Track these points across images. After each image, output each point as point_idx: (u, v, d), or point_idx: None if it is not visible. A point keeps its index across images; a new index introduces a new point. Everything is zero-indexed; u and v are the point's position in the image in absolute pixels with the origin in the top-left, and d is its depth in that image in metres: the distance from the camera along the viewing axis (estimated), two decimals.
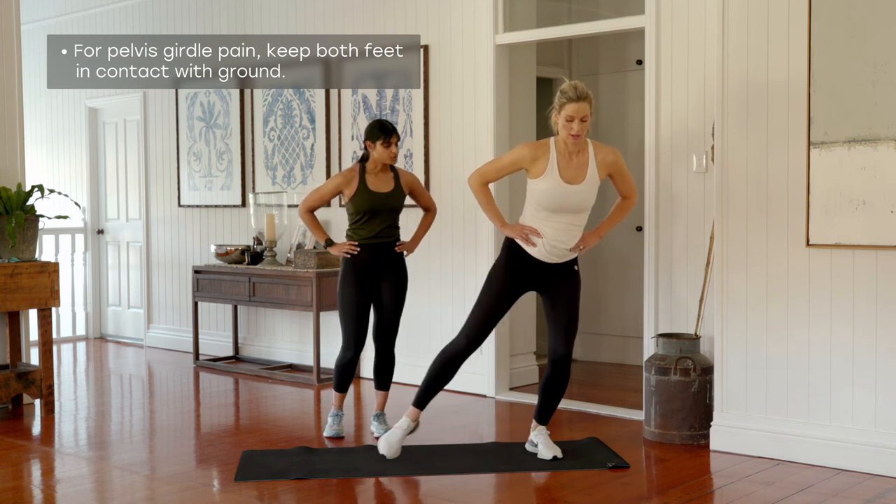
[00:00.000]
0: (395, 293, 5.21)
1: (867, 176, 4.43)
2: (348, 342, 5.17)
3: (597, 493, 4.22)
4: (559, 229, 4.52)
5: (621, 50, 7.46)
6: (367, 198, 5.10)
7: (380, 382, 5.34)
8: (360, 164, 5.20)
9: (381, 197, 5.12)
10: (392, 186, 5.17)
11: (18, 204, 5.83)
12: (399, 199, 5.18)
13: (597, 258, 7.61)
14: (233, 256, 7.47)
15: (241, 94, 7.88)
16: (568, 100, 4.43)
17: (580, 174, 4.50)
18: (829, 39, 4.51)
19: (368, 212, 5.11)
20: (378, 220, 5.12)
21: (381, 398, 5.35)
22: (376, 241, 5.13)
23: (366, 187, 5.11)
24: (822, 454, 4.59)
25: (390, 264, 5.19)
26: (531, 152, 4.53)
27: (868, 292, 4.47)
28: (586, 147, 4.55)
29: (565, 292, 4.62)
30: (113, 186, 9.20)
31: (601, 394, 6.35)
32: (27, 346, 6.21)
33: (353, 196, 5.11)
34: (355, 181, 5.13)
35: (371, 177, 5.15)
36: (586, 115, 4.43)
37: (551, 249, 4.53)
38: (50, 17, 9.58)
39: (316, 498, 4.19)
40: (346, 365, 5.21)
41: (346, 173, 5.19)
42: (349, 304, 5.13)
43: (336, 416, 5.30)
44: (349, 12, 7.07)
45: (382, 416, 5.35)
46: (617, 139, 7.47)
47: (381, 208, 5.12)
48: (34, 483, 4.62)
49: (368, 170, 5.16)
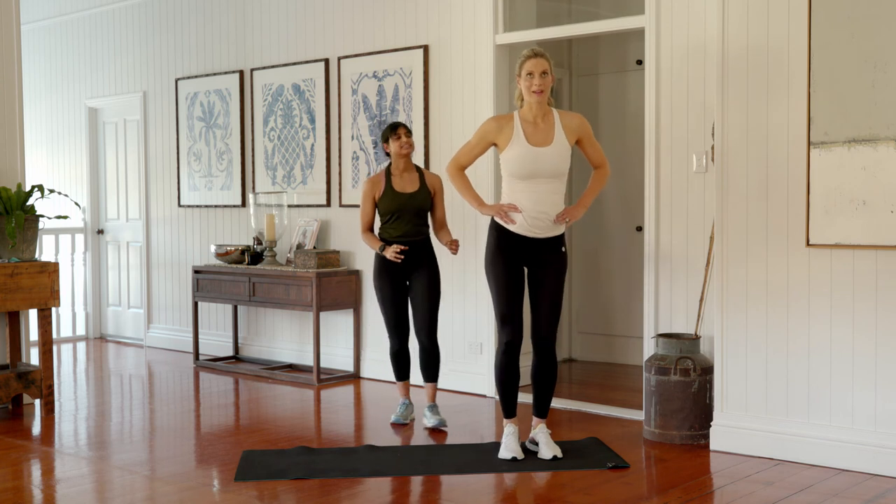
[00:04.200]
0: (427, 288, 5.41)
1: (867, 176, 4.43)
2: (391, 334, 5.54)
3: (597, 493, 4.22)
4: (537, 199, 4.57)
5: (621, 50, 7.46)
6: (394, 198, 5.39)
7: (426, 375, 5.52)
8: (386, 168, 5.46)
9: (407, 197, 5.40)
10: (417, 186, 5.44)
11: (18, 204, 5.83)
12: (425, 199, 5.44)
13: (597, 258, 7.61)
14: (233, 256, 7.47)
15: (241, 94, 7.88)
16: (525, 58, 4.62)
17: (548, 137, 4.60)
18: (829, 39, 4.52)
19: (395, 212, 5.38)
20: (405, 219, 5.40)
21: (430, 390, 5.54)
22: (405, 239, 5.39)
23: (392, 188, 5.40)
24: (822, 454, 4.59)
25: (419, 261, 5.43)
26: (496, 122, 4.68)
27: (868, 292, 4.47)
28: (551, 113, 4.67)
29: (552, 271, 4.69)
30: (113, 186, 9.20)
31: (601, 394, 6.35)
32: (27, 346, 6.21)
33: (381, 197, 5.41)
34: (382, 184, 5.42)
35: (396, 178, 5.45)
36: (545, 69, 4.59)
37: (532, 222, 4.58)
38: (50, 17, 9.59)
39: (316, 498, 4.19)
40: (396, 354, 5.54)
41: (372, 178, 5.50)
42: (385, 298, 5.45)
43: (403, 405, 5.57)
44: (349, 12, 7.07)
45: (435, 407, 5.50)
46: (617, 139, 7.47)
47: (406, 208, 5.38)
48: (34, 483, 4.62)
49: (393, 172, 5.45)
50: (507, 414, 4.81)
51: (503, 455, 4.70)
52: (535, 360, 4.79)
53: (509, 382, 4.77)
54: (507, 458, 4.68)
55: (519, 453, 4.69)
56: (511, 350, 4.72)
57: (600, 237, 7.59)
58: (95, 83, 9.18)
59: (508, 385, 4.77)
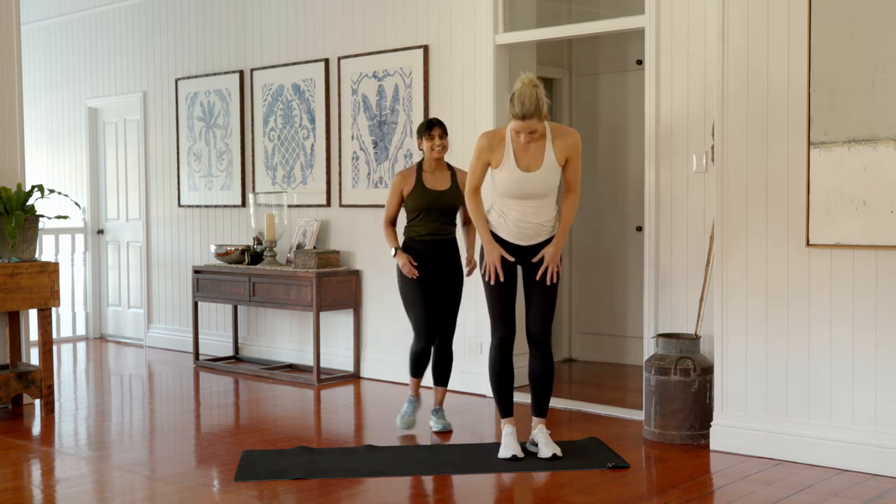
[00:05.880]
0: (451, 290, 5.34)
1: (867, 176, 4.43)
2: (418, 333, 5.32)
3: (597, 493, 4.22)
4: (526, 212, 4.61)
5: (621, 50, 7.46)
6: (423, 195, 5.27)
7: (437, 378, 5.44)
8: (418, 164, 5.36)
9: (437, 195, 5.28)
10: (448, 185, 5.32)
11: (18, 204, 5.83)
12: (455, 198, 5.31)
13: (597, 258, 7.61)
14: (233, 256, 7.47)
15: (241, 94, 7.88)
16: (513, 115, 4.45)
17: (537, 161, 4.57)
18: (829, 39, 4.51)
19: (424, 209, 5.27)
20: (433, 217, 5.28)
21: (439, 394, 5.45)
22: (431, 237, 5.29)
23: (422, 185, 5.29)
24: (822, 454, 4.59)
25: (445, 260, 5.33)
26: (488, 142, 4.61)
27: (868, 292, 4.47)
28: (544, 132, 4.57)
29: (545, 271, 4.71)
30: (113, 186, 9.20)
31: (601, 394, 6.35)
32: (27, 346, 6.21)
33: (410, 193, 5.29)
34: (412, 178, 5.32)
35: (428, 175, 5.33)
36: (535, 129, 4.44)
37: (519, 233, 4.64)
38: (50, 17, 9.59)
39: (316, 498, 4.19)
40: (418, 353, 5.38)
41: (403, 172, 5.40)
42: (411, 297, 5.29)
43: (411, 403, 5.44)
44: (349, 12, 7.07)
45: (441, 410, 5.45)
46: (617, 139, 7.47)
47: (435, 206, 5.27)
48: (34, 483, 4.62)
49: (425, 168, 5.34)
50: (503, 413, 4.81)
51: (503, 454, 4.70)
52: (532, 359, 4.79)
53: (504, 378, 4.77)
54: (507, 456, 4.67)
55: (519, 451, 4.69)
56: (504, 345, 4.75)
57: (600, 237, 7.59)
58: (95, 83, 9.18)
59: (503, 381, 4.77)
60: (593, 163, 7.56)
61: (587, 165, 7.61)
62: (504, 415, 4.82)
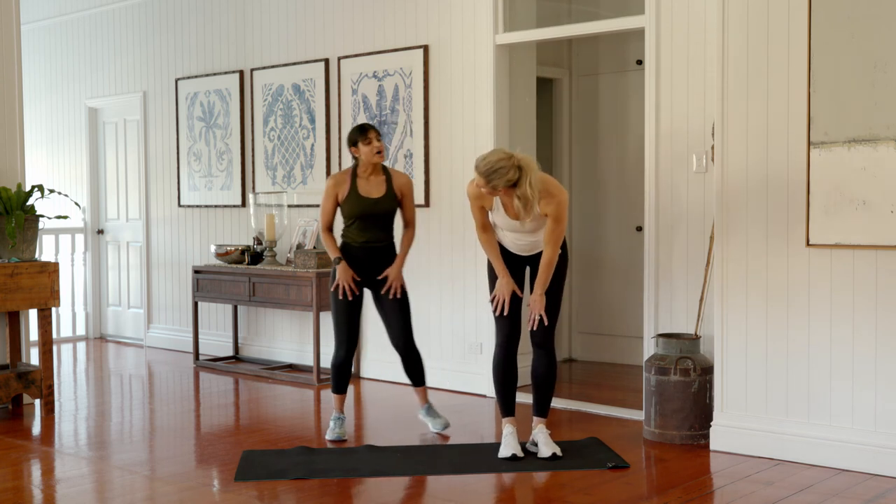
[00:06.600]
0: (396, 297, 5.22)
1: (867, 176, 4.43)
2: (339, 342, 5.21)
3: (597, 493, 4.22)
4: (522, 236, 4.72)
5: (621, 50, 7.46)
6: (357, 202, 5.12)
7: (414, 380, 5.40)
8: (352, 168, 5.20)
9: (371, 202, 5.12)
10: (383, 191, 5.16)
11: (18, 204, 5.83)
12: (390, 204, 5.17)
13: (597, 258, 7.61)
14: (233, 256, 7.47)
15: (241, 94, 7.88)
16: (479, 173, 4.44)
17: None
18: (829, 39, 4.51)
19: (358, 216, 5.13)
20: (368, 224, 5.14)
21: (420, 393, 5.42)
22: (369, 245, 5.17)
23: (356, 192, 5.13)
24: (822, 454, 4.59)
25: (383, 266, 5.22)
26: (476, 189, 4.60)
27: (868, 292, 4.47)
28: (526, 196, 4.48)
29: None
30: (113, 186, 9.20)
31: (601, 394, 6.35)
32: (27, 346, 6.21)
33: (345, 200, 5.14)
34: (346, 184, 5.15)
35: (362, 181, 5.16)
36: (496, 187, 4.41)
37: (516, 248, 4.78)
38: (50, 17, 9.59)
39: (316, 498, 4.19)
40: (340, 365, 5.23)
41: (337, 176, 5.22)
42: (339, 306, 5.17)
43: (338, 420, 5.26)
44: (349, 12, 7.07)
45: (431, 407, 5.42)
46: (617, 139, 7.47)
47: (370, 213, 5.13)
48: (34, 483, 4.62)
49: (359, 174, 5.16)
50: (505, 412, 4.82)
51: (503, 453, 4.70)
52: (535, 359, 4.82)
53: (507, 379, 4.80)
54: (507, 455, 4.68)
55: (519, 451, 4.69)
56: (509, 346, 4.79)
57: (600, 237, 7.59)
58: (95, 83, 9.18)
59: (506, 381, 4.80)
60: (594, 163, 7.56)
61: (587, 165, 7.61)
62: (505, 414, 4.83)
